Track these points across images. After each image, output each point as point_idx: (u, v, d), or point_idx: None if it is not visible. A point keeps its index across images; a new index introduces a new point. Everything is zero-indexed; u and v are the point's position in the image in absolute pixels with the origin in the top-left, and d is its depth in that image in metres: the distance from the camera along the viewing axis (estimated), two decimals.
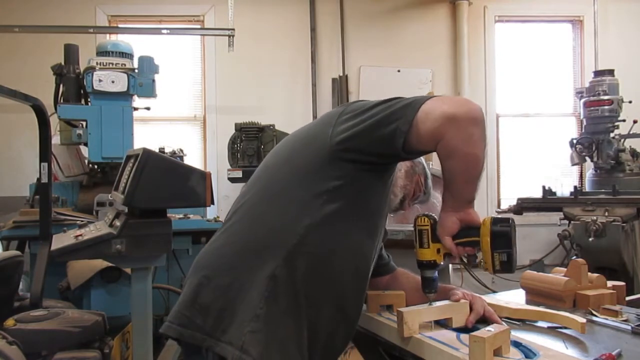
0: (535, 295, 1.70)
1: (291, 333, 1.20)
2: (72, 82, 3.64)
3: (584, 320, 1.36)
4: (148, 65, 3.70)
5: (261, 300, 1.19)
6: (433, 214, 1.35)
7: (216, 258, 1.35)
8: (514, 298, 1.75)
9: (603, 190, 4.12)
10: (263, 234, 1.28)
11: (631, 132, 4.49)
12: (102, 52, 3.72)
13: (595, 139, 4.42)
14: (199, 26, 5.24)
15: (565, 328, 1.35)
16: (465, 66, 5.27)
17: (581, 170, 5.41)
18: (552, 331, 1.39)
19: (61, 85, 3.65)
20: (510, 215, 4.57)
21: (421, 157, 1.57)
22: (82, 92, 3.67)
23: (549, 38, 5.63)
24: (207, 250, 1.41)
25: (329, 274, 1.27)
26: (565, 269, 1.72)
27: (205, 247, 1.44)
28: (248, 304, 1.20)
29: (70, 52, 3.69)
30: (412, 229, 1.37)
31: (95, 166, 3.77)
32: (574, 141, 4.56)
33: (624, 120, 4.46)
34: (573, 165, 4.88)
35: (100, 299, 3.14)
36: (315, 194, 1.25)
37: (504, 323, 1.36)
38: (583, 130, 4.67)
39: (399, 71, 5.18)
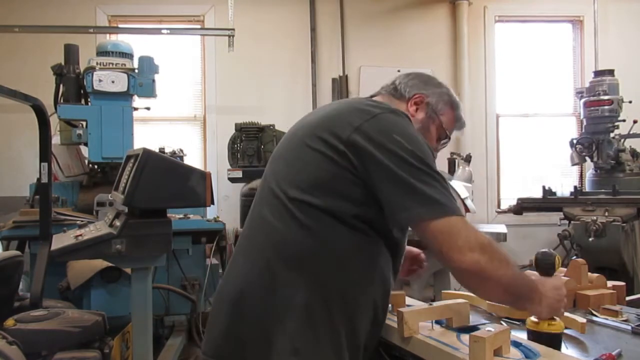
0: None
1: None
2: (72, 82, 3.64)
3: (584, 320, 1.36)
4: (148, 65, 3.70)
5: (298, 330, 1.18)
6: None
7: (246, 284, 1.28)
8: None
9: (603, 190, 4.13)
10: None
11: (631, 132, 4.49)
12: (102, 52, 3.72)
13: (595, 139, 4.42)
14: (199, 26, 5.24)
15: (565, 328, 1.34)
16: (465, 66, 5.28)
17: (581, 170, 5.41)
18: None
19: (61, 85, 3.65)
20: (510, 215, 4.58)
21: (439, 90, 1.49)
22: (82, 92, 3.67)
23: (549, 38, 5.63)
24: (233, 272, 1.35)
25: (363, 292, 1.26)
26: (565, 269, 1.72)
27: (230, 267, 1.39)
28: (284, 334, 1.18)
29: (70, 52, 3.69)
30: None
31: (95, 166, 3.77)
32: (574, 141, 4.56)
33: (624, 120, 4.46)
34: (573, 165, 4.88)
35: (100, 299, 3.14)
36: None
37: (504, 323, 1.36)
38: (583, 130, 4.67)
39: (399, 71, 5.04)
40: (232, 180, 4.36)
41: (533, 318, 1.27)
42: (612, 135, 4.47)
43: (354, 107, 1.31)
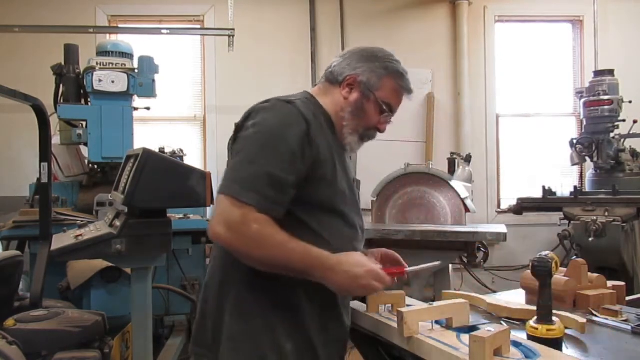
0: (535, 295, 1.69)
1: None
2: (72, 82, 3.64)
3: (584, 320, 1.36)
4: (148, 65, 3.70)
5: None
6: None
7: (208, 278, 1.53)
8: (514, 298, 1.75)
9: (603, 190, 4.12)
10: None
11: (631, 132, 4.48)
12: (102, 52, 3.72)
13: (595, 139, 4.42)
14: (199, 26, 5.24)
15: (566, 328, 1.34)
16: (465, 66, 5.27)
17: (581, 170, 5.41)
18: None
19: (61, 85, 3.65)
20: (510, 215, 4.58)
21: (372, 65, 1.51)
22: (82, 92, 3.67)
23: (549, 38, 5.63)
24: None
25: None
26: (566, 269, 1.72)
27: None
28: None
29: (70, 52, 3.69)
30: None
31: (95, 166, 3.77)
32: (574, 141, 4.56)
33: (624, 120, 4.46)
34: (573, 165, 4.88)
35: (100, 299, 3.14)
36: None
37: (504, 323, 1.36)
38: (583, 130, 4.66)
39: None
40: None
41: (532, 323, 1.27)
42: (612, 135, 4.47)
43: None
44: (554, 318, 1.27)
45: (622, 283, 1.75)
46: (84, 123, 3.66)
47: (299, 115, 1.36)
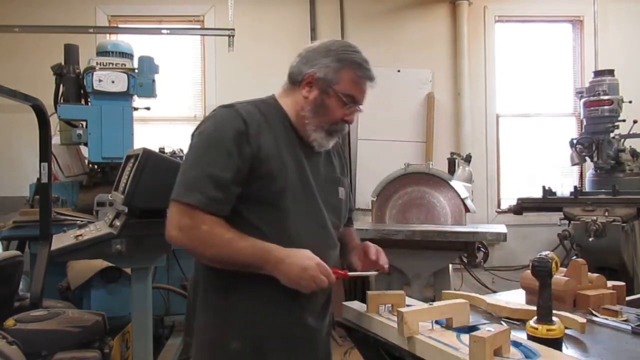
0: (535, 295, 1.69)
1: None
2: (72, 82, 3.64)
3: (584, 320, 1.36)
4: (148, 65, 3.70)
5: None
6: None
7: None
8: (514, 298, 1.75)
9: (603, 190, 4.12)
10: None
11: (631, 132, 4.48)
12: (102, 52, 3.72)
13: (595, 139, 4.42)
14: (199, 26, 5.24)
15: (566, 328, 1.34)
16: (465, 66, 5.27)
17: (581, 170, 5.41)
18: None
19: (61, 85, 3.65)
20: (510, 215, 4.58)
21: (326, 60, 1.49)
22: (82, 92, 3.67)
23: (549, 38, 5.63)
24: None
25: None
26: (566, 269, 1.72)
27: None
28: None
29: (70, 52, 3.69)
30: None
31: (95, 166, 3.77)
32: (574, 141, 4.56)
33: (624, 120, 4.46)
34: (573, 165, 4.88)
35: (100, 299, 3.14)
36: None
37: (504, 323, 1.36)
38: (583, 130, 4.66)
39: (399, 71, 5.17)
40: None
41: (532, 323, 1.27)
42: (612, 135, 4.47)
43: None
44: (554, 318, 1.27)
45: (622, 283, 1.75)
46: (84, 123, 3.66)
47: (237, 117, 1.41)
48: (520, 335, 1.26)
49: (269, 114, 1.48)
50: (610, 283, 1.72)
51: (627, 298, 1.75)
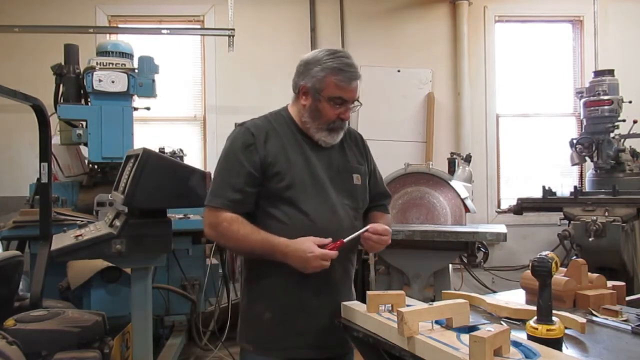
0: (535, 295, 1.69)
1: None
2: (72, 82, 3.64)
3: (584, 320, 1.36)
4: (148, 65, 3.70)
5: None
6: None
7: None
8: (514, 298, 1.75)
9: (603, 190, 4.12)
10: None
11: (631, 132, 4.49)
12: (102, 52, 3.72)
13: (595, 139, 4.42)
14: (199, 26, 5.24)
15: (566, 328, 1.34)
16: (465, 66, 5.28)
17: (581, 170, 5.41)
18: None
19: (61, 85, 3.65)
20: (510, 215, 4.58)
21: (312, 71, 1.72)
22: (82, 92, 3.67)
23: (549, 38, 5.63)
24: None
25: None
26: (566, 269, 1.72)
27: None
28: None
29: (70, 52, 3.69)
30: None
31: (95, 166, 3.77)
32: (574, 141, 4.56)
33: (624, 120, 4.46)
34: (573, 165, 4.88)
35: (100, 299, 3.14)
36: None
37: (504, 323, 1.36)
38: (583, 130, 4.67)
39: (399, 71, 5.17)
40: None
41: (532, 323, 1.27)
42: (612, 135, 4.47)
43: None
44: (554, 318, 1.27)
45: (622, 283, 1.75)
46: (84, 123, 3.66)
47: (245, 132, 1.72)
48: (520, 335, 1.26)
49: (278, 123, 1.77)
50: (610, 283, 1.72)
51: (627, 298, 1.75)
